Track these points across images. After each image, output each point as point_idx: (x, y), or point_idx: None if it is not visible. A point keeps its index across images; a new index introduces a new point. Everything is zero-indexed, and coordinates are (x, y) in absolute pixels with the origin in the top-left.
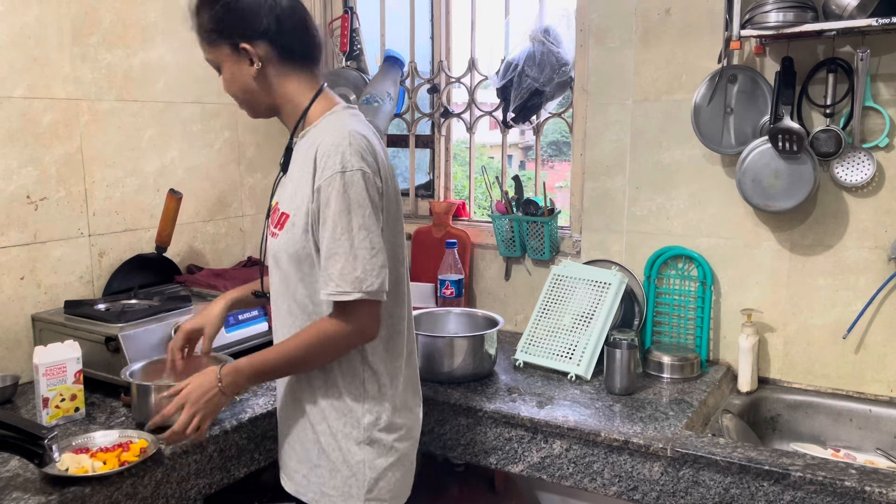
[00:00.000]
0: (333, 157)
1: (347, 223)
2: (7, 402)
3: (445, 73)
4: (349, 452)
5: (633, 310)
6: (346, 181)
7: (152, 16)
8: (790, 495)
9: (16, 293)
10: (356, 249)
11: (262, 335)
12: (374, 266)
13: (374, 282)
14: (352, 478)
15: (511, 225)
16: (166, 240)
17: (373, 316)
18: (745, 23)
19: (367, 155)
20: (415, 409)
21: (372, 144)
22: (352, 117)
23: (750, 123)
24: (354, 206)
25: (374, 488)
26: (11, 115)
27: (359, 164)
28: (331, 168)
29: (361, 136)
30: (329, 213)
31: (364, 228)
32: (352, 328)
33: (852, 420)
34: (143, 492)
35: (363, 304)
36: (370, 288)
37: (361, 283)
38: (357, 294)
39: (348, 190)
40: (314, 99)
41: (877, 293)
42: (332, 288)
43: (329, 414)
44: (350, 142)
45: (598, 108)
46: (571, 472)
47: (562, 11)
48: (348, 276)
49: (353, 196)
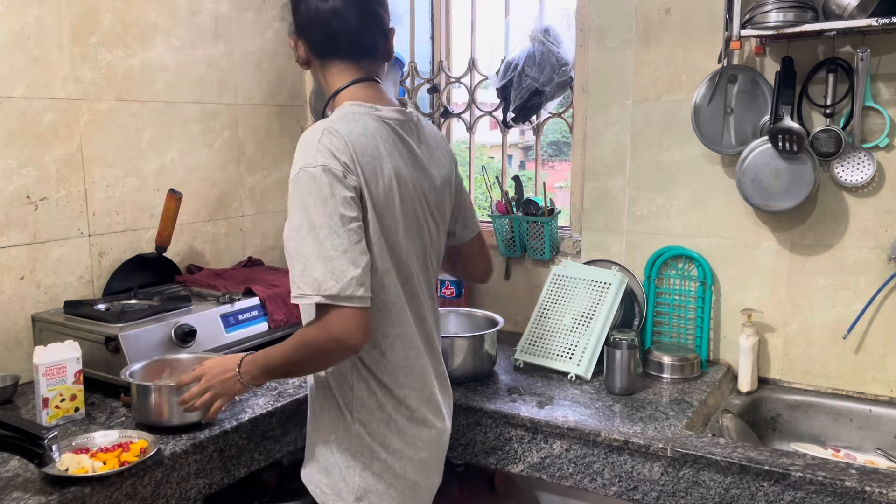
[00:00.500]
0: (300, 152)
1: (308, 222)
2: (7, 402)
3: (445, 73)
4: (340, 456)
5: (633, 310)
6: (306, 178)
7: (152, 16)
8: (790, 495)
9: (16, 293)
10: (316, 250)
11: (262, 335)
12: (335, 268)
13: (334, 285)
14: (342, 481)
15: (511, 225)
16: (166, 240)
17: (346, 323)
18: (746, 23)
19: (338, 152)
20: (421, 433)
21: (349, 142)
22: (347, 114)
23: (750, 123)
24: (315, 204)
25: (362, 497)
26: (11, 115)
27: (322, 160)
28: (296, 164)
29: (336, 132)
30: (292, 213)
31: (325, 227)
32: (325, 335)
33: (852, 420)
34: (143, 492)
35: (333, 309)
36: (329, 291)
37: (320, 285)
38: (316, 297)
39: (309, 187)
40: (339, 90)
41: (877, 293)
42: (294, 290)
43: (324, 415)
44: (320, 138)
45: (598, 108)
46: (571, 472)
47: (562, 11)
48: (307, 276)
49: (315, 193)
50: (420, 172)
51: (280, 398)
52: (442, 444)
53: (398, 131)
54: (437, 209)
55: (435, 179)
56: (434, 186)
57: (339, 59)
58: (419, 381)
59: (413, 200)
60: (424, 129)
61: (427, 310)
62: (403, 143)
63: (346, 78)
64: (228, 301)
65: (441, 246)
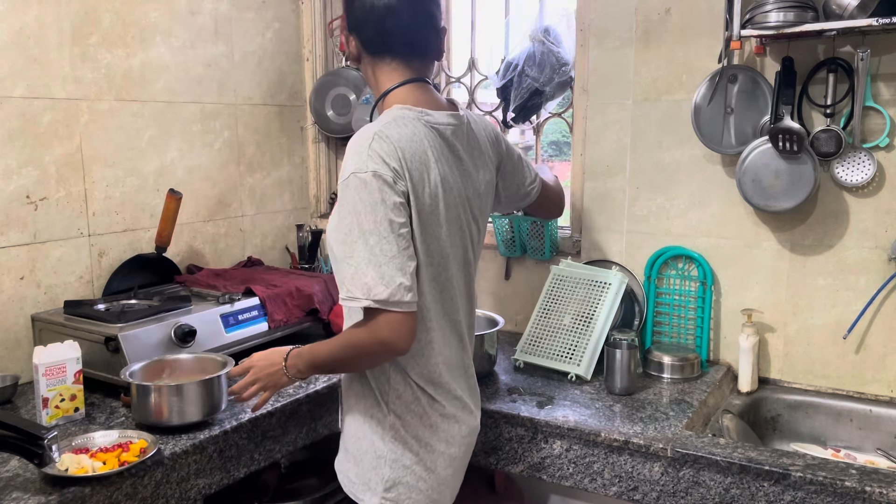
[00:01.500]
0: (351, 157)
1: (359, 227)
2: (7, 402)
3: (445, 73)
4: (372, 447)
5: (633, 310)
6: (357, 183)
7: (152, 16)
8: (790, 495)
9: (16, 293)
10: (367, 254)
11: (262, 335)
12: (385, 274)
13: (384, 290)
14: (371, 471)
15: (511, 225)
16: (166, 240)
17: (392, 327)
18: (746, 23)
19: (388, 157)
20: (452, 429)
21: (398, 147)
22: (397, 118)
23: (750, 123)
24: (366, 210)
25: (391, 489)
26: (11, 115)
27: (373, 166)
28: (346, 168)
29: (387, 137)
30: (342, 215)
31: (375, 234)
32: (372, 338)
33: (852, 420)
34: (143, 492)
35: (381, 313)
36: (378, 296)
37: (370, 290)
38: (366, 301)
39: (359, 192)
40: (389, 90)
41: (877, 293)
42: (343, 292)
43: (360, 404)
44: (371, 143)
45: (598, 108)
46: (571, 473)
47: (562, 11)
48: (358, 281)
49: (365, 199)
50: (466, 178)
51: (280, 398)
52: (472, 441)
53: (447, 137)
54: (479, 212)
55: (479, 185)
56: (478, 192)
57: (392, 56)
58: (453, 380)
59: (457, 206)
60: (474, 131)
61: (462, 312)
62: (451, 149)
63: (396, 77)
64: (228, 301)
65: (481, 244)
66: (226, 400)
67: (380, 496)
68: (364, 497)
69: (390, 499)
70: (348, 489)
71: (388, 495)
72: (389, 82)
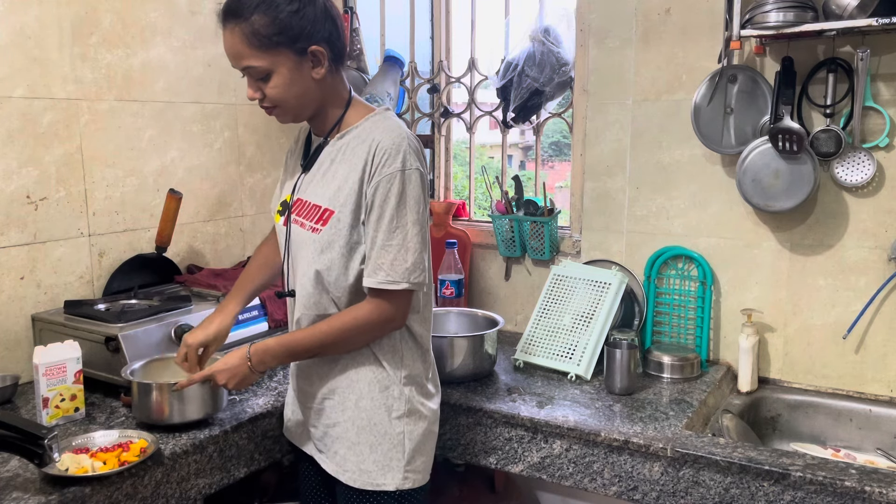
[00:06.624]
0: (395, 156)
1: (403, 218)
2: (7, 402)
3: (445, 72)
4: (390, 426)
5: (633, 310)
6: (405, 179)
7: (152, 16)
8: (790, 495)
9: (16, 293)
10: (408, 242)
11: (262, 335)
12: (423, 259)
13: (421, 274)
14: (392, 450)
15: (511, 225)
16: (166, 240)
17: (409, 305)
18: (745, 23)
19: (421, 156)
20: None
21: (422, 147)
22: (397, 120)
23: (750, 123)
24: (411, 203)
25: (412, 461)
26: (11, 115)
27: (416, 163)
28: (392, 166)
29: (416, 138)
30: (387, 208)
31: (417, 224)
32: (389, 315)
33: (852, 420)
34: (143, 492)
35: (404, 294)
36: (417, 279)
37: (410, 273)
38: (405, 284)
39: (407, 187)
40: (351, 100)
41: (877, 293)
42: (381, 277)
43: (370, 389)
44: (409, 143)
45: (598, 108)
46: (571, 472)
47: (562, 11)
48: (399, 266)
49: (411, 193)
50: None
51: (280, 398)
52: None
53: None
54: None
55: None
56: None
57: (343, 66)
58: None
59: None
60: None
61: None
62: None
63: (345, 87)
64: None
65: None
66: (226, 400)
67: (402, 472)
68: (385, 480)
69: (412, 469)
70: (363, 482)
71: (409, 468)
72: (341, 93)
